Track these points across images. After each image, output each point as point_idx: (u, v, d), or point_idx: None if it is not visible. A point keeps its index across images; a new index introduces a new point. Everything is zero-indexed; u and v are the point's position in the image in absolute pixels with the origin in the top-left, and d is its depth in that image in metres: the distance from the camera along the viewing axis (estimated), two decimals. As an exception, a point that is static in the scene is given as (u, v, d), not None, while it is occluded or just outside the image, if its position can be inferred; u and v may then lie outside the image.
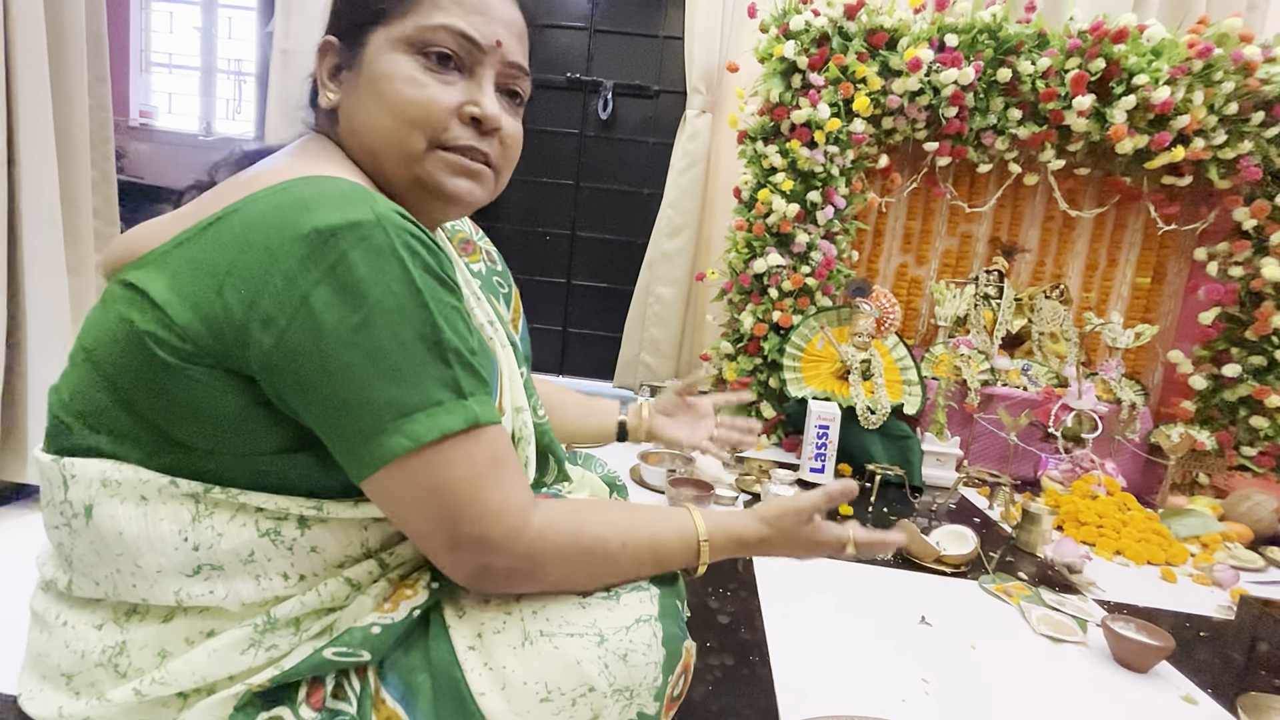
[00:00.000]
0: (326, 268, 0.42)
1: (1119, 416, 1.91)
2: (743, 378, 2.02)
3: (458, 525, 0.46)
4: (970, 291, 2.09)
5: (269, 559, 0.49)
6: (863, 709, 0.80)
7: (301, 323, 0.42)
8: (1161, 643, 0.96)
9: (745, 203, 2.00)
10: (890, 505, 1.60)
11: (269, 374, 0.44)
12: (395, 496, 0.46)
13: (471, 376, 0.48)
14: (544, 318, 2.70)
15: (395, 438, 0.44)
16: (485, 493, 0.47)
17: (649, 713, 0.53)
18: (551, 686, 0.49)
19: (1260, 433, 1.89)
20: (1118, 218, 2.11)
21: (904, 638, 1.00)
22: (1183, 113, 1.77)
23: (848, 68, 1.84)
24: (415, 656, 0.50)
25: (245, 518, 0.48)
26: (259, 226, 0.43)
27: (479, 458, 0.47)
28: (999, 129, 1.91)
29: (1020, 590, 1.18)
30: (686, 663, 0.58)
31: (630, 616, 0.52)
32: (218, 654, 0.47)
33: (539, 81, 2.51)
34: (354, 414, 0.43)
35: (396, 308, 0.43)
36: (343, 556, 0.51)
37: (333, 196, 0.43)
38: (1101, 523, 1.51)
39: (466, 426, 0.46)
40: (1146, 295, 2.13)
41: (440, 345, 0.45)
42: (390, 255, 0.43)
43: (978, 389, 1.93)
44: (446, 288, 0.47)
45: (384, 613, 0.49)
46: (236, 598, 0.48)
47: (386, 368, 0.43)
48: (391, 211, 0.45)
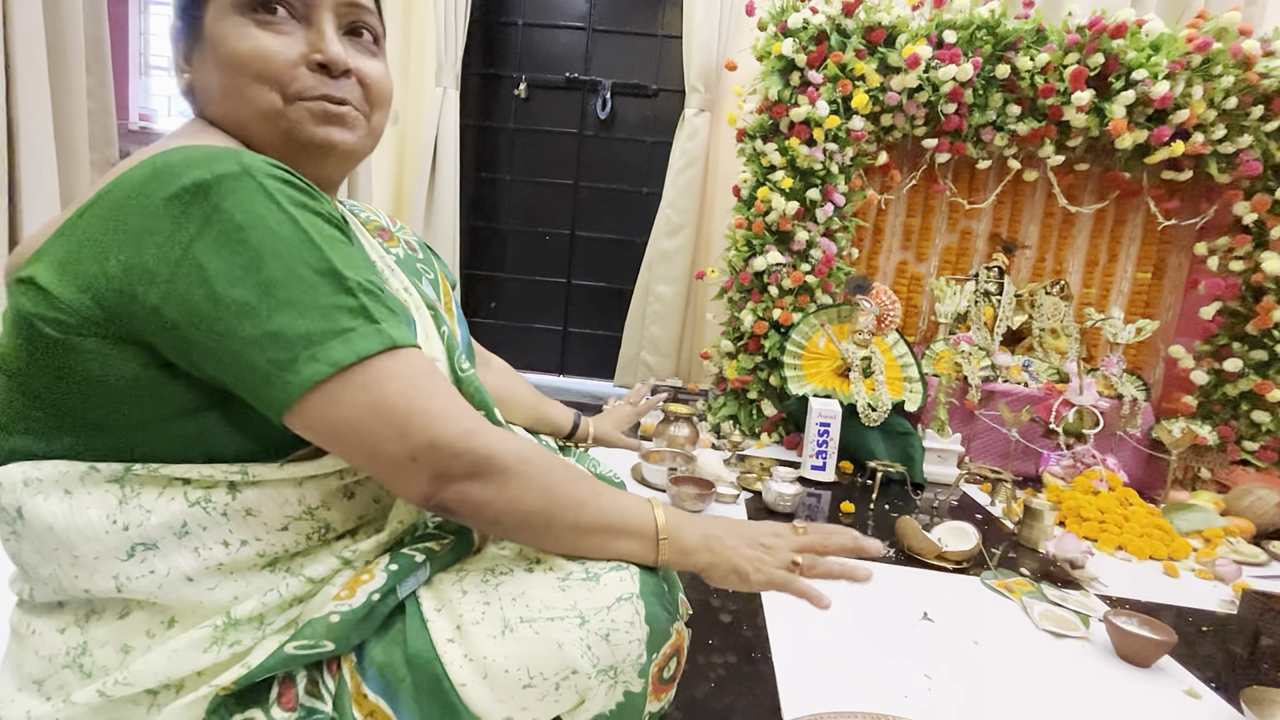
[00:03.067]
0: (201, 221, 0.42)
1: (1120, 412, 1.90)
2: (743, 376, 2.02)
3: (407, 437, 0.45)
4: (970, 288, 2.09)
5: (204, 528, 0.48)
6: (866, 705, 0.80)
7: (186, 273, 0.42)
8: (1164, 637, 0.96)
9: (744, 201, 2.00)
10: (891, 502, 1.60)
11: (162, 331, 0.43)
12: (329, 426, 0.45)
13: (380, 306, 0.47)
14: (544, 317, 2.70)
15: (310, 365, 0.43)
16: (426, 401, 0.46)
17: (635, 690, 0.53)
18: (534, 672, 0.48)
19: (1262, 427, 1.89)
20: (1117, 213, 2.11)
21: (906, 634, 1.00)
22: (1182, 107, 1.77)
23: (846, 65, 1.84)
24: (394, 651, 0.50)
25: (173, 491, 0.47)
26: (131, 197, 0.43)
27: (407, 374, 0.46)
28: (998, 125, 1.91)
29: (1022, 586, 1.18)
30: (677, 644, 0.57)
31: (611, 596, 0.52)
32: (179, 653, 0.46)
33: (539, 82, 2.51)
34: (260, 349, 0.43)
35: (282, 246, 0.43)
36: (282, 517, 0.50)
37: (197, 157, 0.44)
38: (1103, 518, 1.51)
39: (384, 348, 0.45)
40: (1147, 290, 2.13)
41: (337, 275, 0.45)
42: (263, 198, 0.43)
43: (979, 385, 1.92)
44: (331, 224, 0.47)
45: (341, 600, 0.48)
46: (179, 572, 0.47)
47: (284, 300, 0.43)
48: (260, 161, 0.45)
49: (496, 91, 2.55)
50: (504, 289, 2.69)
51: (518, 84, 2.51)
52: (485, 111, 2.57)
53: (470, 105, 2.52)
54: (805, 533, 0.63)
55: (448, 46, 2.32)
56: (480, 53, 2.51)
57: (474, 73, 2.51)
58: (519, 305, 2.70)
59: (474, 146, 2.57)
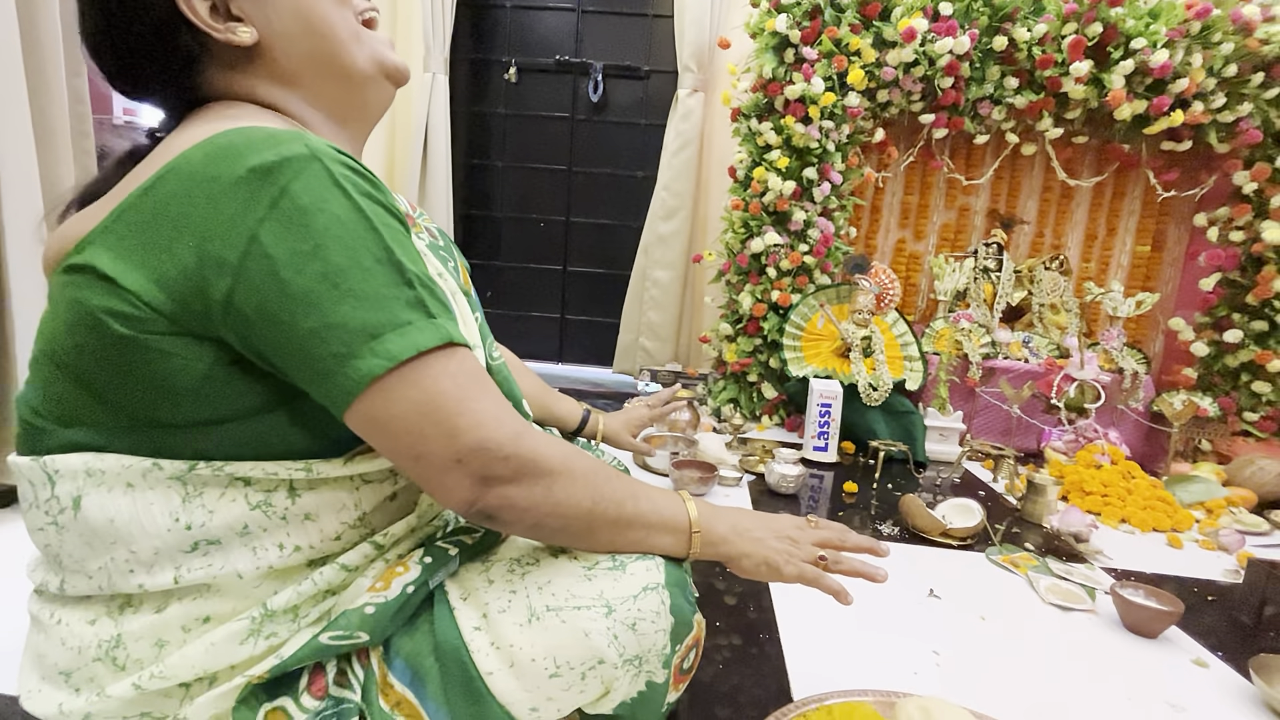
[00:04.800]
0: (269, 204, 0.41)
1: (1121, 386, 1.90)
2: (743, 359, 2.01)
3: (455, 437, 0.45)
4: (969, 265, 2.07)
5: (264, 530, 0.48)
6: (875, 683, 0.80)
7: (255, 260, 0.41)
8: (1171, 608, 0.95)
9: (741, 182, 1.98)
10: (894, 481, 1.60)
11: (234, 321, 0.43)
12: (382, 422, 0.44)
13: (436, 300, 0.47)
14: (541, 305, 2.68)
15: (370, 359, 0.43)
16: (476, 402, 0.46)
17: (658, 681, 0.53)
18: (560, 661, 0.48)
19: (1262, 398, 1.88)
20: (1116, 186, 2.09)
21: (913, 611, 1.00)
22: (1181, 76, 1.75)
23: (841, 40, 1.81)
24: (421, 640, 0.49)
25: (235, 492, 0.47)
26: (196, 178, 0.42)
27: (461, 372, 0.46)
28: (995, 98, 1.89)
29: (1027, 561, 1.18)
30: (697, 636, 0.58)
31: (637, 585, 0.52)
32: (216, 646, 0.46)
33: (530, 66, 2.47)
34: (323, 341, 0.42)
35: (346, 233, 0.43)
36: (338, 524, 0.50)
37: (263, 138, 0.43)
38: (1106, 492, 1.51)
39: (441, 343, 0.45)
40: (1146, 263, 2.12)
41: (399, 267, 0.45)
42: (331, 184, 0.43)
43: (979, 363, 1.92)
44: (393, 215, 0.47)
45: (376, 592, 0.48)
46: (233, 569, 0.47)
47: (347, 291, 0.42)
48: (325, 145, 0.44)
49: (486, 76, 2.52)
50: (500, 277, 2.67)
51: (508, 68, 2.47)
52: (475, 97, 2.53)
53: (460, 91, 2.48)
54: (819, 527, 0.65)
55: (435, 31, 2.28)
56: (469, 37, 2.47)
57: (463, 57, 2.47)
58: (515, 293, 2.68)
59: (465, 133, 2.53)
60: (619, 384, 2.53)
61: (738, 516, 0.62)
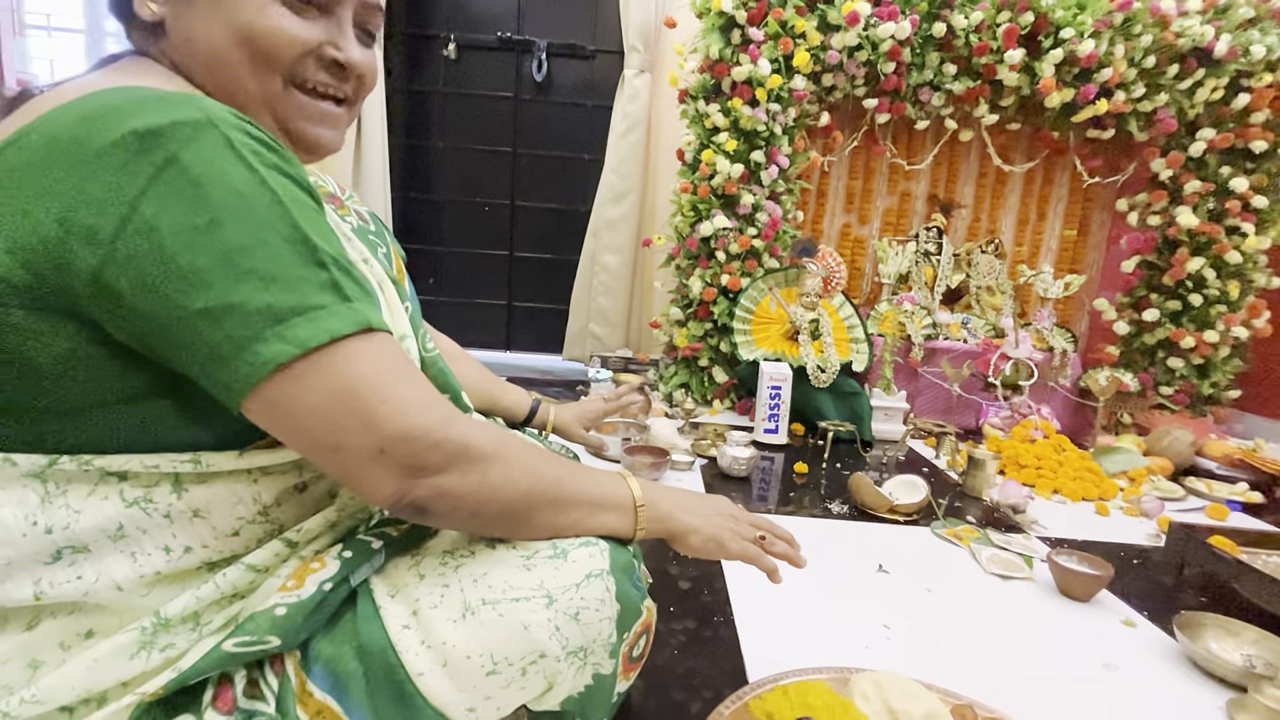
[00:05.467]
0: (153, 172, 0.37)
1: (1052, 363, 1.99)
2: (694, 343, 2.00)
3: (376, 426, 0.41)
4: (911, 249, 2.12)
5: (144, 531, 0.42)
6: (828, 660, 0.80)
7: (134, 231, 0.36)
8: (1101, 572, 1.00)
9: (689, 165, 1.96)
10: (843, 460, 1.63)
11: (102, 297, 0.38)
12: (289, 413, 0.40)
13: (353, 283, 0.43)
14: (487, 292, 2.61)
15: (274, 344, 0.38)
16: (400, 388, 0.42)
17: (605, 672, 0.50)
18: (498, 658, 0.45)
19: (1176, 373, 2.01)
20: (1046, 172, 2.18)
21: (863, 587, 1.01)
22: (1105, 66, 1.83)
23: (786, 22, 1.80)
24: (343, 643, 0.45)
25: (106, 489, 0.42)
26: (63, 138, 0.37)
27: (381, 357, 0.42)
28: (935, 84, 1.93)
29: (970, 533, 1.22)
30: (647, 622, 0.56)
31: (580, 573, 0.49)
32: (100, 663, 0.40)
33: (470, 42, 2.38)
34: (216, 323, 0.38)
35: (247, 208, 0.39)
36: (233, 520, 0.45)
37: (147, 99, 0.38)
38: (1040, 465, 1.58)
39: (356, 329, 0.41)
40: (1074, 247, 2.22)
41: (309, 246, 0.40)
42: (229, 153, 0.39)
43: (921, 344, 1.97)
44: (303, 189, 0.42)
45: (288, 591, 0.43)
46: (109, 580, 0.41)
47: (248, 270, 0.38)
48: (225, 111, 0.40)
49: (424, 52, 2.41)
50: (443, 263, 2.58)
51: (446, 44, 2.37)
52: (412, 74, 2.42)
53: (396, 67, 2.36)
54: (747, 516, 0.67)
55: (367, 2, 2.15)
56: (404, 10, 2.35)
57: (398, 31, 2.35)
58: (459, 280, 2.59)
59: (402, 112, 2.42)
60: (569, 371, 2.49)
61: (679, 495, 0.61)
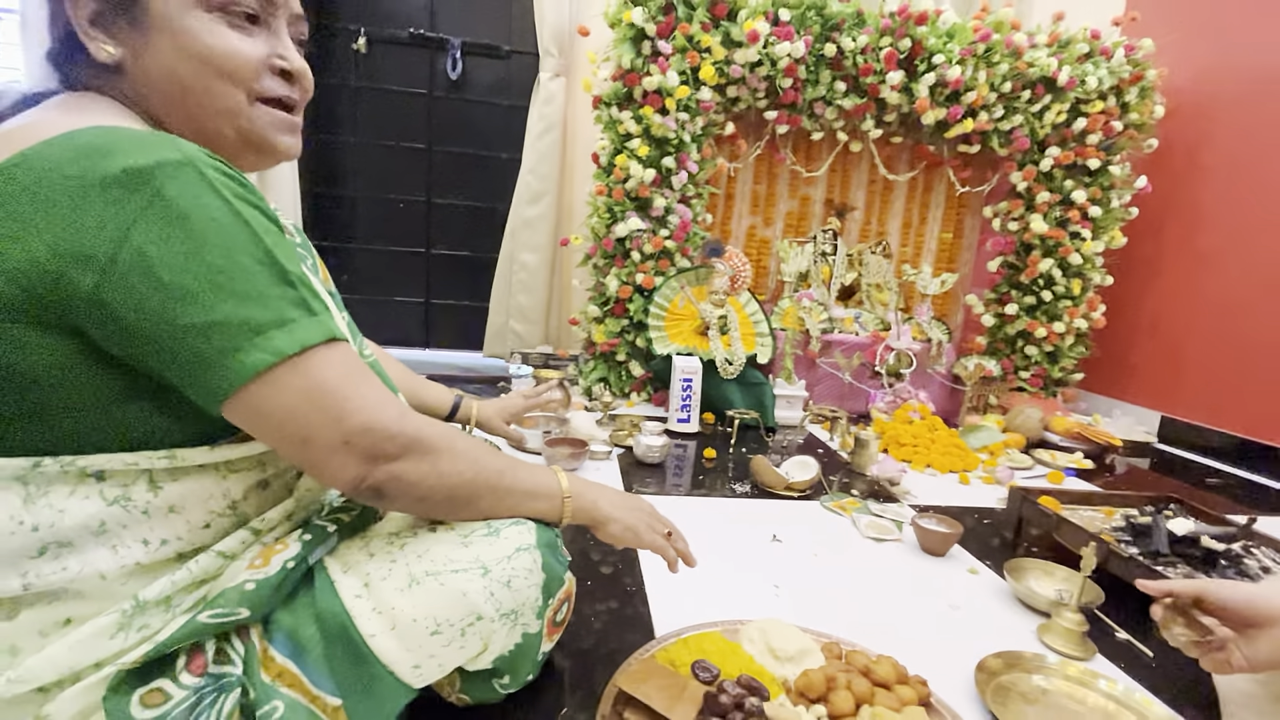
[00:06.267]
0: (142, 205, 0.42)
1: (930, 353, 2.23)
2: (611, 339, 2.09)
3: (342, 420, 0.48)
4: (810, 249, 2.31)
5: (124, 526, 0.47)
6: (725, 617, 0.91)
7: (127, 257, 0.42)
8: (953, 530, 1.18)
9: (604, 168, 2.05)
10: (749, 445, 1.77)
11: (97, 317, 0.42)
12: (267, 411, 0.46)
13: (316, 299, 0.49)
14: (403, 289, 2.59)
15: (255, 353, 0.44)
16: (362, 388, 0.49)
17: (532, 631, 0.59)
18: (441, 620, 0.52)
19: (1032, 359, 2.31)
20: (926, 181, 2.43)
21: (759, 555, 1.14)
22: (971, 89, 2.06)
23: (693, 37, 1.92)
24: (302, 613, 0.51)
25: (87, 489, 0.46)
26: (54, 175, 0.41)
27: (344, 363, 0.49)
28: (827, 100, 2.10)
29: (853, 504, 1.38)
30: (568, 591, 0.65)
31: (511, 546, 0.57)
32: (83, 643, 0.44)
33: (381, 37, 2.35)
34: (205, 336, 0.43)
35: (225, 236, 0.44)
36: (205, 514, 0.50)
37: (132, 140, 0.43)
38: (916, 443, 1.79)
39: (325, 339, 0.48)
40: (949, 248, 2.49)
41: (279, 268, 0.47)
42: (206, 188, 0.44)
43: (819, 337, 2.16)
44: (269, 218, 0.49)
45: (256, 569, 0.49)
46: (93, 570, 0.45)
47: (230, 291, 0.44)
48: (197, 150, 0.45)
49: (331, 45, 2.35)
50: (356, 260, 2.53)
51: (356, 37, 2.33)
52: (320, 66, 2.36)
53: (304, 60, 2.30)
54: None
55: (270, -9, 2.08)
56: (312, 2, 2.29)
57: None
58: (374, 277, 2.56)
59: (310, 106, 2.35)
60: (490, 368, 2.52)
61: (602, 491, 0.70)
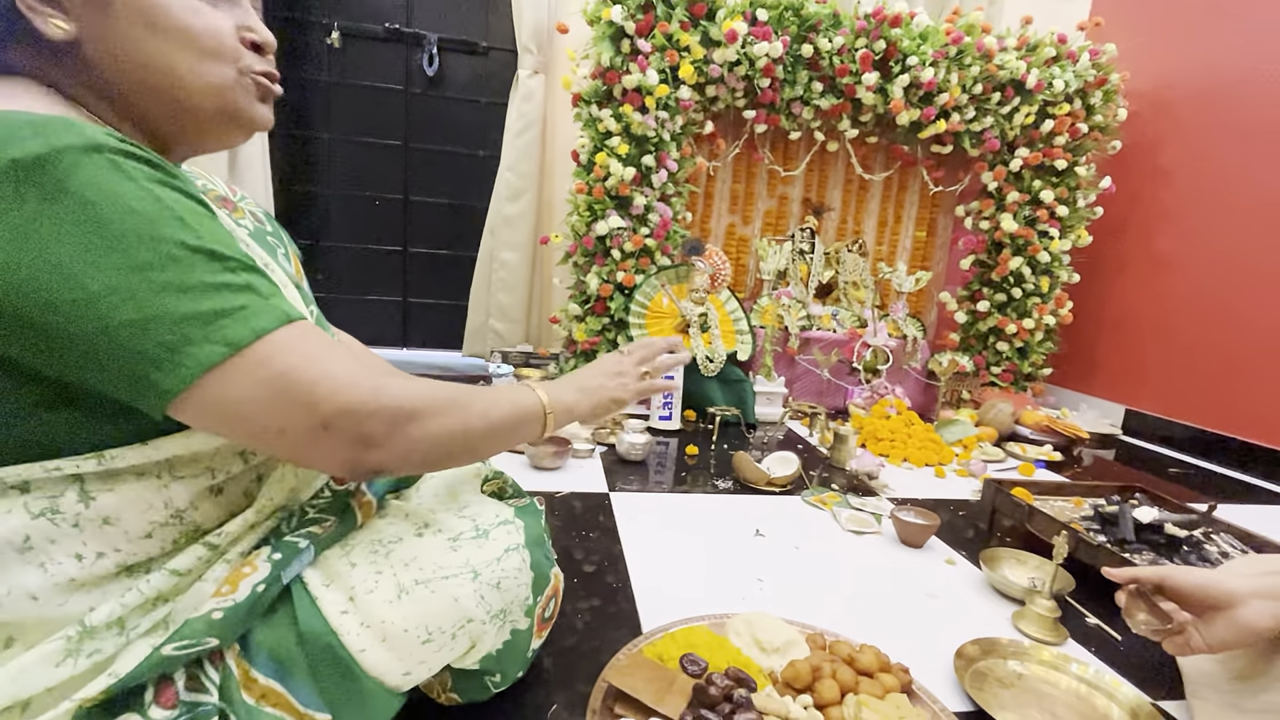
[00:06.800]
0: (40, 201, 0.37)
1: (905, 349, 2.28)
2: (593, 337, 2.10)
3: (316, 405, 0.43)
4: (788, 248, 2.33)
5: (52, 541, 0.43)
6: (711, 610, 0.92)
7: (30, 262, 0.37)
8: (930, 522, 1.21)
9: (584, 166, 2.04)
10: (730, 442, 1.79)
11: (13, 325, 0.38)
12: (231, 406, 0.42)
13: (265, 280, 0.45)
14: (381, 288, 2.56)
15: (205, 346, 0.40)
16: (330, 366, 0.44)
17: (521, 628, 0.59)
18: (433, 628, 0.51)
19: (1003, 355, 2.37)
20: (900, 181, 2.47)
21: (743, 549, 1.16)
22: (944, 91, 2.11)
23: (672, 35, 1.93)
24: (283, 632, 0.49)
25: (9, 503, 0.42)
26: None
27: (307, 343, 0.44)
28: (805, 100, 2.13)
29: (833, 499, 1.41)
30: (555, 588, 0.65)
31: (499, 548, 0.57)
32: (26, 671, 0.41)
33: (355, 31, 2.31)
34: (142, 335, 0.39)
35: (146, 225, 0.40)
36: (146, 524, 0.46)
37: (23, 126, 0.38)
38: (893, 437, 1.82)
39: (281, 323, 0.43)
40: (924, 246, 2.54)
41: (215, 253, 0.42)
42: (118, 175, 0.40)
43: (797, 334, 2.18)
44: (195, 200, 0.44)
45: (223, 596, 0.45)
46: (22, 590, 0.42)
47: (161, 283, 0.39)
48: (104, 134, 0.41)
49: (304, 40, 2.31)
50: (332, 258, 2.50)
51: (329, 32, 2.29)
52: (293, 62, 2.32)
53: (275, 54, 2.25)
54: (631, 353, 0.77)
55: (241, -17, 2.04)
56: (282, -7, 2.25)
57: (275, 16, 2.24)
58: (351, 276, 2.52)
59: (282, 101, 2.31)
60: (470, 367, 2.50)
61: (577, 380, 0.69)
